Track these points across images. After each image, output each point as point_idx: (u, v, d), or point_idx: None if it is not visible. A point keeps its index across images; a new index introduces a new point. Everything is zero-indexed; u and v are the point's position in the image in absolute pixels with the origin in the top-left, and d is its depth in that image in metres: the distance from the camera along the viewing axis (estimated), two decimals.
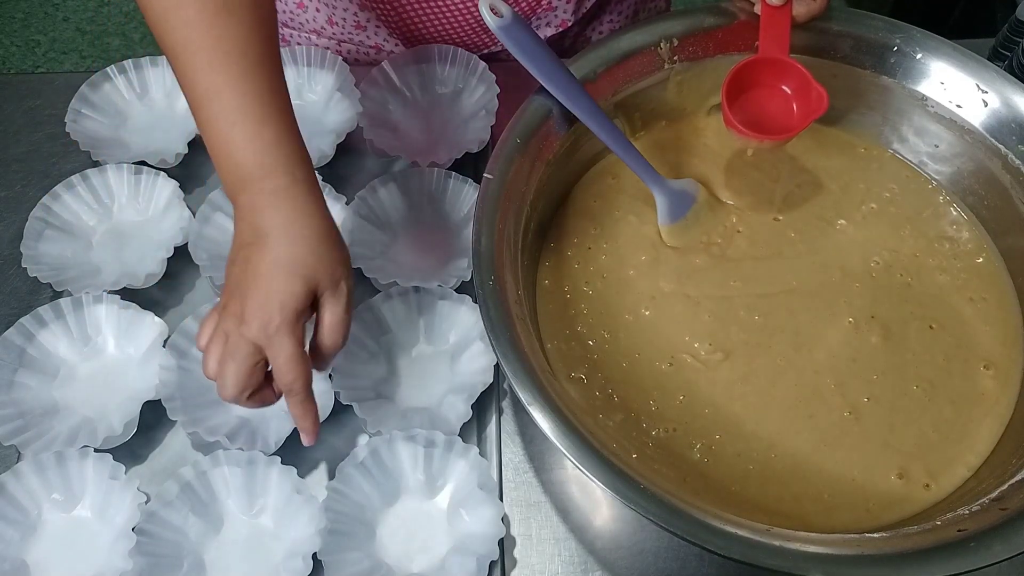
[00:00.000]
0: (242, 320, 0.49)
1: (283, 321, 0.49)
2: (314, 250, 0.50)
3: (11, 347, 0.63)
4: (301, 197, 0.50)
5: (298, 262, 0.49)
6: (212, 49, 0.49)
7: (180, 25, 0.50)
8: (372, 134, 0.72)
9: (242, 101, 0.49)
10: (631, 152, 0.62)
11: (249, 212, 0.50)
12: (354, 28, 0.81)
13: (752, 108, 0.63)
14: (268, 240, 0.49)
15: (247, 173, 0.50)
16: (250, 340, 0.49)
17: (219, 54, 0.49)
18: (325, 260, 0.51)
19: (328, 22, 0.81)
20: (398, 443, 0.59)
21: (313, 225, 0.50)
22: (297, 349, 0.50)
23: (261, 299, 0.48)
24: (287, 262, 0.49)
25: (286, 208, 0.50)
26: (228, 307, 0.50)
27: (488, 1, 0.54)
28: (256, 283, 0.49)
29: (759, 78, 0.63)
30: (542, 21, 0.80)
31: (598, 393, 0.59)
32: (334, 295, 0.51)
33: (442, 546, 0.58)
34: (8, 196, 0.75)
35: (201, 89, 0.50)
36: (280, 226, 0.49)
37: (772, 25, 0.62)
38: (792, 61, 0.62)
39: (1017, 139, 0.62)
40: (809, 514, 0.55)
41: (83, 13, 2.02)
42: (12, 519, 0.58)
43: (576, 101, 0.59)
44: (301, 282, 0.49)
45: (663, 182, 0.64)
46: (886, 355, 0.61)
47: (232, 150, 0.50)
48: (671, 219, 0.65)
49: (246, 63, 0.50)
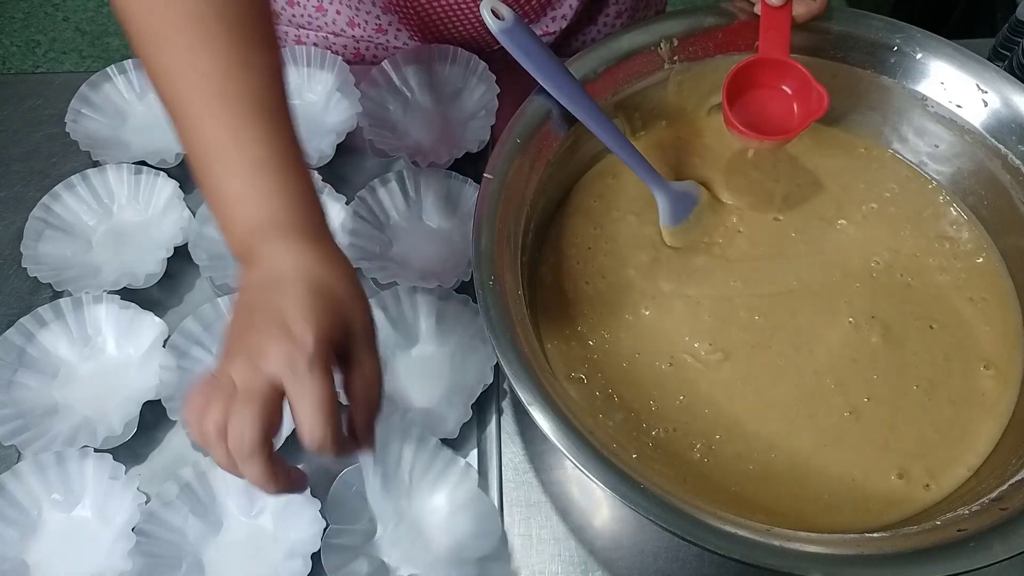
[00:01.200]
0: (260, 355, 0.39)
1: (317, 352, 0.39)
2: (347, 287, 0.44)
3: (11, 347, 0.63)
4: (326, 247, 0.45)
5: (331, 293, 0.42)
6: (223, 101, 0.45)
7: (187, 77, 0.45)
8: (372, 134, 0.72)
9: (256, 151, 0.45)
10: (634, 155, 0.62)
11: (263, 261, 0.44)
12: (375, 31, 0.81)
13: (753, 109, 0.63)
14: (285, 285, 0.42)
15: (262, 224, 0.44)
16: (270, 377, 0.39)
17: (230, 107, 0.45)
18: (358, 299, 0.44)
19: (349, 24, 0.81)
20: (392, 443, 0.59)
21: (343, 268, 0.45)
22: (329, 388, 0.39)
23: (286, 334, 0.39)
24: (318, 291, 0.41)
25: (307, 254, 0.43)
26: (235, 354, 0.40)
27: (490, 4, 0.54)
28: (278, 321, 0.40)
29: (759, 79, 0.63)
30: (557, 12, 0.80)
31: (598, 393, 0.59)
32: (369, 341, 0.44)
33: (441, 546, 0.58)
34: (8, 196, 0.75)
35: (208, 142, 0.46)
36: (306, 265, 0.43)
37: (772, 25, 0.62)
38: (793, 61, 0.62)
39: (1017, 139, 0.62)
40: (809, 514, 0.55)
41: (83, 13, 2.02)
42: (12, 519, 0.58)
43: (578, 104, 0.59)
44: (335, 315, 0.41)
45: (665, 184, 0.64)
46: (886, 355, 0.61)
47: (246, 203, 0.45)
48: (674, 221, 0.65)
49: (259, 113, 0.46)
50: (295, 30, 0.84)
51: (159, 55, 0.46)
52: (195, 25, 0.45)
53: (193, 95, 0.46)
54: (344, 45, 0.83)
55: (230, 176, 0.45)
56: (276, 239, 0.44)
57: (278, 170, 0.45)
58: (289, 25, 0.84)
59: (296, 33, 0.84)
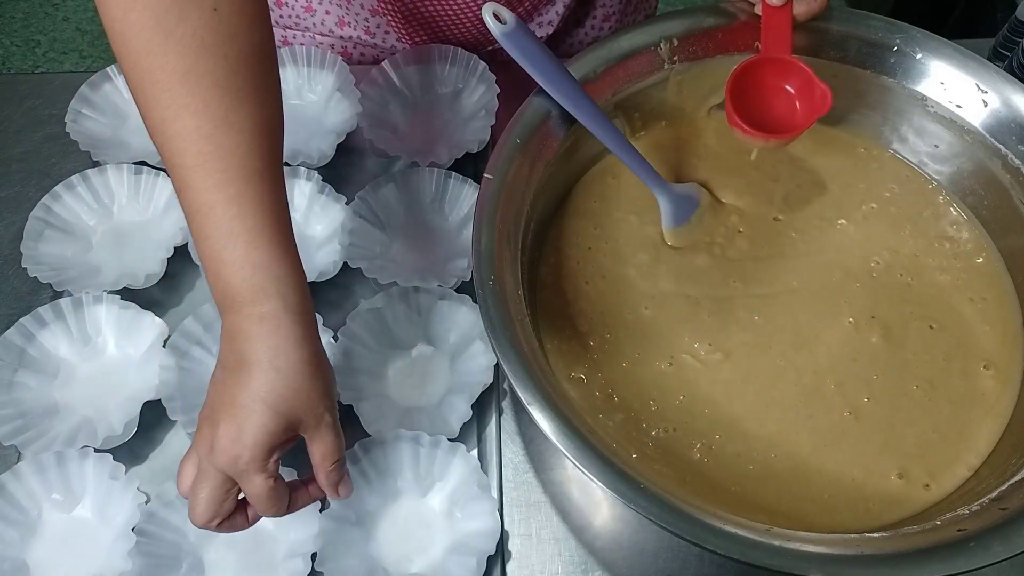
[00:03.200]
0: (212, 450, 0.46)
1: (252, 459, 0.46)
2: (295, 385, 0.47)
3: (11, 347, 0.63)
4: (289, 325, 0.47)
5: (278, 397, 0.46)
6: (206, 165, 0.46)
7: (175, 136, 0.46)
8: (372, 134, 0.72)
9: (233, 222, 0.46)
10: (636, 158, 0.62)
11: (234, 336, 0.47)
12: (364, 32, 0.81)
13: (755, 108, 0.63)
14: (250, 369, 0.46)
15: (235, 295, 0.47)
16: (220, 470, 0.47)
17: (213, 170, 0.46)
18: (304, 395, 0.48)
19: (339, 24, 0.81)
20: (389, 444, 0.59)
21: (297, 357, 0.47)
22: (267, 485, 0.47)
23: (234, 432, 0.46)
24: (265, 396, 0.46)
25: (271, 337, 0.47)
26: (202, 430, 0.48)
27: (492, 7, 0.54)
28: (231, 413, 0.46)
29: (762, 78, 0.63)
30: (544, 18, 0.80)
31: (598, 393, 0.59)
32: (318, 430, 0.49)
33: (440, 546, 0.58)
34: (8, 196, 0.75)
35: (194, 204, 0.47)
36: (263, 357, 0.46)
37: (773, 25, 0.62)
38: (795, 60, 0.62)
39: (1017, 139, 0.62)
40: (809, 514, 0.55)
41: (83, 13, 2.02)
42: (12, 519, 0.58)
43: (580, 107, 0.59)
44: (277, 419, 0.46)
45: (668, 187, 0.64)
46: (886, 355, 0.61)
47: (221, 268, 0.47)
48: (676, 223, 0.65)
49: (242, 179, 0.46)
50: (282, 31, 0.84)
51: (150, 112, 0.47)
52: (180, 86, 0.46)
53: (174, 154, 0.47)
54: (331, 45, 0.83)
55: (203, 241, 0.47)
56: (242, 316, 0.47)
57: (249, 240, 0.47)
58: (276, 26, 0.84)
59: (283, 34, 0.84)
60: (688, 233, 0.65)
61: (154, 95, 0.46)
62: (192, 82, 0.45)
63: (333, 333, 0.64)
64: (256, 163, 0.47)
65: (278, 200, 0.49)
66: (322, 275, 0.66)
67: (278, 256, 0.48)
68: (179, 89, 0.46)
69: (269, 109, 0.49)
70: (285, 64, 0.77)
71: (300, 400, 0.47)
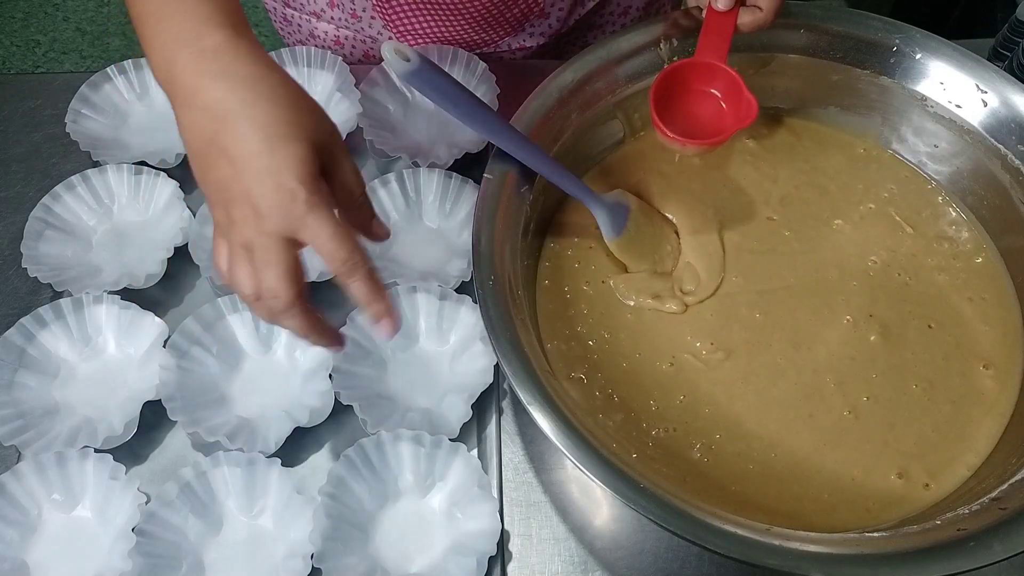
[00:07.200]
0: (259, 217, 0.40)
1: (309, 194, 0.40)
2: (298, 104, 0.42)
3: (11, 347, 0.63)
4: (250, 51, 0.42)
5: (289, 122, 0.41)
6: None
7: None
8: (372, 134, 0.72)
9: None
10: (563, 175, 0.59)
11: (193, 94, 0.41)
12: (350, 16, 0.81)
13: (682, 112, 0.61)
14: (237, 115, 0.40)
15: (181, 40, 0.41)
16: (278, 235, 0.41)
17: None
18: (314, 112, 0.43)
19: (329, 4, 0.81)
20: (387, 444, 0.59)
21: (279, 79, 0.42)
22: (337, 220, 0.41)
23: (270, 183, 0.40)
24: (276, 127, 0.40)
25: (238, 69, 0.41)
26: (232, 218, 0.41)
27: (392, 45, 0.48)
28: (252, 169, 0.40)
29: (691, 82, 0.61)
30: (536, 29, 0.80)
31: (598, 393, 0.59)
32: (342, 149, 0.44)
33: (440, 546, 0.58)
34: (8, 196, 0.75)
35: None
36: (242, 93, 0.41)
37: (714, 30, 0.60)
38: (727, 67, 0.60)
39: (1017, 139, 0.62)
40: (809, 513, 0.55)
41: (83, 13, 2.02)
42: (12, 519, 0.58)
43: (499, 134, 0.56)
44: (303, 144, 0.41)
45: (599, 199, 0.62)
46: (885, 354, 0.61)
47: (163, 18, 0.42)
48: (615, 232, 0.63)
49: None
50: (282, 7, 0.84)
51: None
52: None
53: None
54: (325, 31, 0.83)
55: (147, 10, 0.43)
56: (193, 57, 0.41)
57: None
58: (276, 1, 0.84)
59: (284, 12, 0.84)
60: (629, 242, 0.63)
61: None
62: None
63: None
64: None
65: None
66: (322, 275, 0.66)
67: (221, 5, 0.43)
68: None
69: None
70: (285, 64, 0.77)
71: (310, 118, 0.43)
